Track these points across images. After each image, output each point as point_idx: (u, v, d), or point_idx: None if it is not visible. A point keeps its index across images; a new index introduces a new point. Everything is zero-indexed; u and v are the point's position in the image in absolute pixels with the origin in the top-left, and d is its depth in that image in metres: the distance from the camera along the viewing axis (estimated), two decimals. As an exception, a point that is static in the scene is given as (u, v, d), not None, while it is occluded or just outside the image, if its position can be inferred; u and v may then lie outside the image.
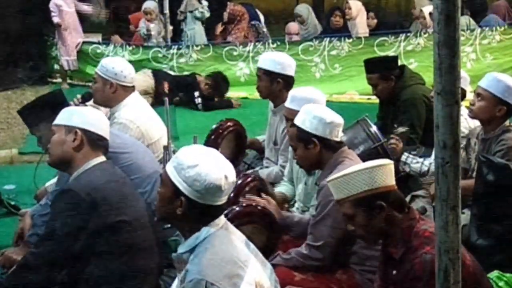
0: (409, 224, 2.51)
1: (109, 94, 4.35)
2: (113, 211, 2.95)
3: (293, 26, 10.57)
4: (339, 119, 3.37)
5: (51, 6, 9.96)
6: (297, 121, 3.39)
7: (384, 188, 2.52)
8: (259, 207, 3.40)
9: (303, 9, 10.86)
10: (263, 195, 3.56)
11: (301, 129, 3.35)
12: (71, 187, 3.01)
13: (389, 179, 2.55)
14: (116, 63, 4.46)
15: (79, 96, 4.49)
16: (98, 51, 10.19)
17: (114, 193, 3.00)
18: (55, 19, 9.94)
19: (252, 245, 2.54)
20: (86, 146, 3.09)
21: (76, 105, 4.31)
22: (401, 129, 4.69)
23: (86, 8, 10.53)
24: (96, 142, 3.12)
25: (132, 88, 4.43)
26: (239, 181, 3.73)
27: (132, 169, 3.65)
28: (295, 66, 4.65)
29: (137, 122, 4.30)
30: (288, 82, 4.50)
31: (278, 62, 4.54)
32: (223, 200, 2.43)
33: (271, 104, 4.73)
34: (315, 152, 3.34)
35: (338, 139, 3.36)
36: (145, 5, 10.55)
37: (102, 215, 2.91)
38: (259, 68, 4.61)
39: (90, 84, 9.56)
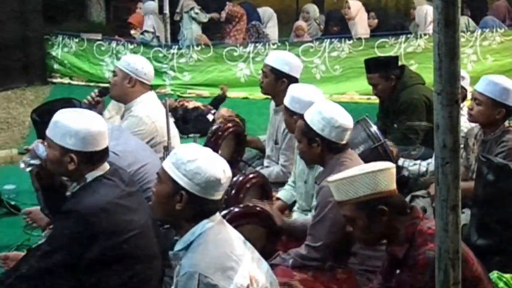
0: (412, 223, 2.50)
1: (126, 89, 4.37)
2: (120, 231, 2.82)
3: (303, 24, 10.42)
4: (348, 123, 3.31)
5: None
6: (307, 116, 3.35)
7: (386, 192, 2.50)
8: (257, 208, 3.39)
9: (311, 8, 10.87)
10: (265, 202, 3.54)
11: (308, 125, 3.32)
12: (78, 208, 2.82)
13: (391, 183, 2.53)
14: (137, 59, 4.55)
15: (96, 90, 4.51)
16: (103, 48, 10.20)
17: (121, 209, 2.87)
18: None
19: (248, 243, 2.55)
20: (84, 165, 2.91)
21: (92, 98, 4.36)
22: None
23: None
24: (95, 158, 2.92)
25: (149, 87, 4.46)
26: (240, 178, 3.72)
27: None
28: (301, 68, 4.65)
29: (153, 118, 4.33)
30: (292, 83, 4.49)
31: (286, 62, 4.54)
32: (220, 194, 2.46)
33: (272, 103, 4.73)
34: (317, 150, 3.33)
35: (344, 142, 3.33)
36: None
37: (108, 238, 2.78)
38: (266, 65, 4.61)
39: (91, 84, 9.64)
